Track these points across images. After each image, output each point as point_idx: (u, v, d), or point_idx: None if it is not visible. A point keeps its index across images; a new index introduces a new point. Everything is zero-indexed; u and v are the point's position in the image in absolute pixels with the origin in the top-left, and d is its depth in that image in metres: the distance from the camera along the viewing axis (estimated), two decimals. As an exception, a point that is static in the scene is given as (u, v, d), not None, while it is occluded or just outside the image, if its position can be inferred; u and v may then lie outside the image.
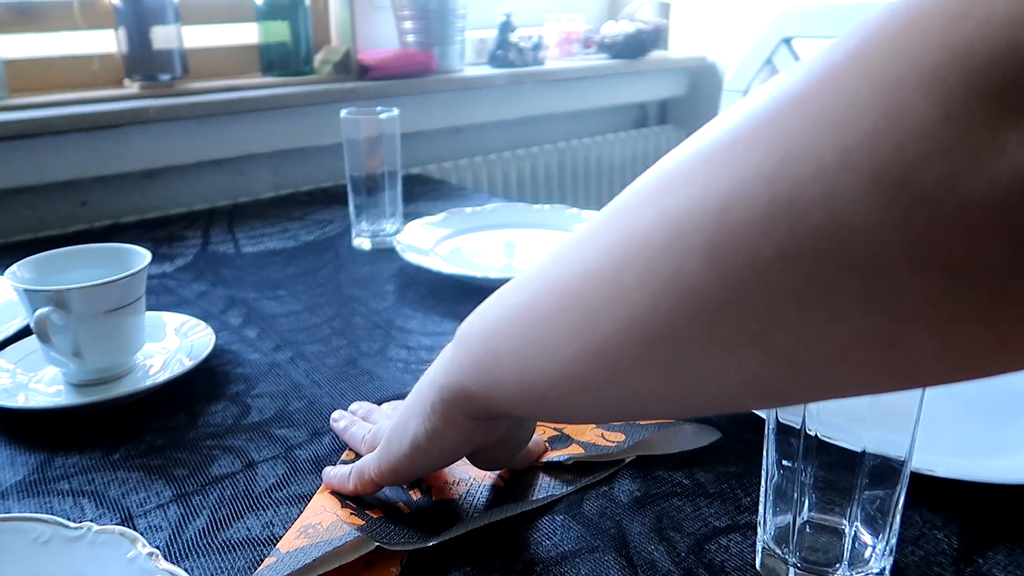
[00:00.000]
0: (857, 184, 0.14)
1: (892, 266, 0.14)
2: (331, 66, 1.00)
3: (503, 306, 0.25)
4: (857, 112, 0.14)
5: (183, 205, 0.93)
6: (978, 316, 0.13)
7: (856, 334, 0.15)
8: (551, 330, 0.21)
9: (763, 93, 0.17)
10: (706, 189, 0.17)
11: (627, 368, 0.20)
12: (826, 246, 0.14)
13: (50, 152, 0.81)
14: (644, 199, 0.19)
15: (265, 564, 0.30)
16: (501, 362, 0.24)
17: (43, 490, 0.37)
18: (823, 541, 0.30)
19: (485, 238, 0.74)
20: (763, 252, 0.15)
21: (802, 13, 0.90)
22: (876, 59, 0.14)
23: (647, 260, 0.18)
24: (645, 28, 1.27)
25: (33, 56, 0.87)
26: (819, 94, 0.15)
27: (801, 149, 0.15)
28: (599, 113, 1.37)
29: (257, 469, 0.39)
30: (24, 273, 0.45)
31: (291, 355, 0.51)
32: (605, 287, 0.19)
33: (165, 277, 0.66)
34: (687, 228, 0.17)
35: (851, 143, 0.14)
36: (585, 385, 0.21)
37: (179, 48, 0.90)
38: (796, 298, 0.15)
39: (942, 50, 0.13)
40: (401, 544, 0.31)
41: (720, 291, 0.16)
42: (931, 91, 0.13)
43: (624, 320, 0.19)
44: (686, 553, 0.32)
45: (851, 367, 0.16)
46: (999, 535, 0.33)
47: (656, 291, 0.18)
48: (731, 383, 0.18)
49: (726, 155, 0.17)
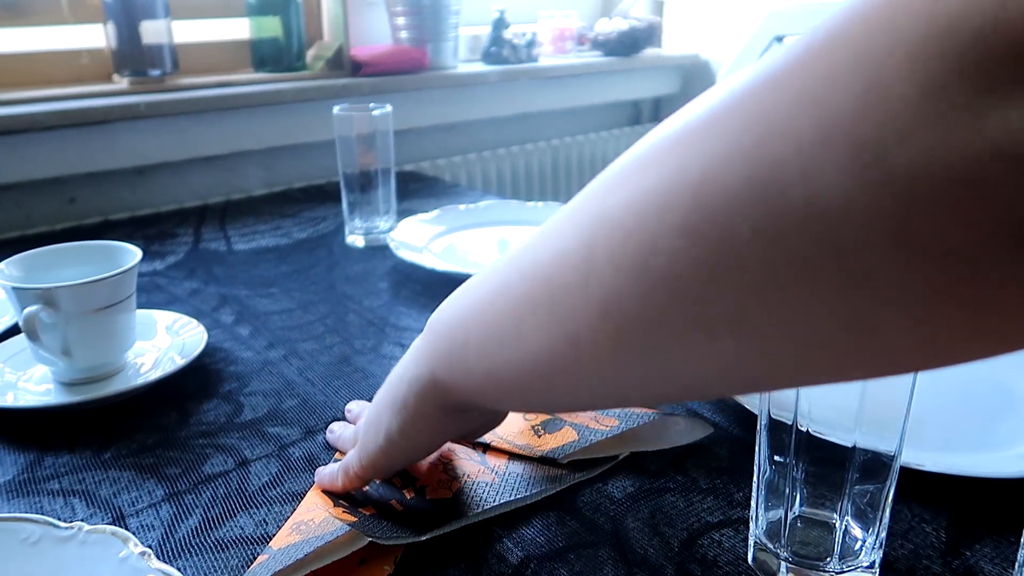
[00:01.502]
0: (836, 161, 0.13)
1: (869, 245, 0.13)
2: (324, 62, 1.00)
3: (472, 295, 0.24)
4: (838, 87, 0.14)
5: (174, 202, 0.93)
6: (954, 298, 0.13)
7: (833, 316, 0.15)
8: (520, 317, 0.21)
9: (744, 73, 0.16)
10: (681, 167, 0.16)
11: (599, 355, 0.19)
12: (804, 224, 0.14)
13: (37, 148, 0.80)
14: (617, 180, 0.19)
15: (257, 562, 0.30)
16: (469, 352, 0.24)
17: (33, 490, 0.37)
18: (814, 535, 0.30)
19: (479, 235, 0.73)
20: (740, 230, 0.15)
21: (794, 12, 0.91)
22: (859, 34, 0.14)
23: (619, 241, 0.17)
24: (638, 25, 1.27)
25: (20, 51, 0.86)
26: (800, 70, 0.15)
27: (781, 126, 0.14)
28: (593, 110, 1.37)
29: (250, 467, 0.39)
30: (12, 271, 0.45)
31: (284, 353, 0.51)
32: (576, 271, 0.19)
33: (156, 275, 0.66)
34: (662, 207, 0.16)
35: (831, 119, 0.14)
36: (555, 374, 0.21)
37: (169, 43, 0.89)
38: (773, 278, 0.15)
39: (926, 25, 0.13)
40: (393, 539, 0.31)
41: (695, 271, 0.16)
42: (914, 67, 0.13)
43: (596, 304, 0.18)
44: (679, 548, 0.32)
45: (828, 351, 0.16)
46: (986, 528, 0.33)
47: (629, 273, 0.17)
48: (707, 369, 0.18)
49: (703, 133, 0.16)
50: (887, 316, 0.14)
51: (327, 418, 0.43)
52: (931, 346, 0.14)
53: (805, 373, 0.17)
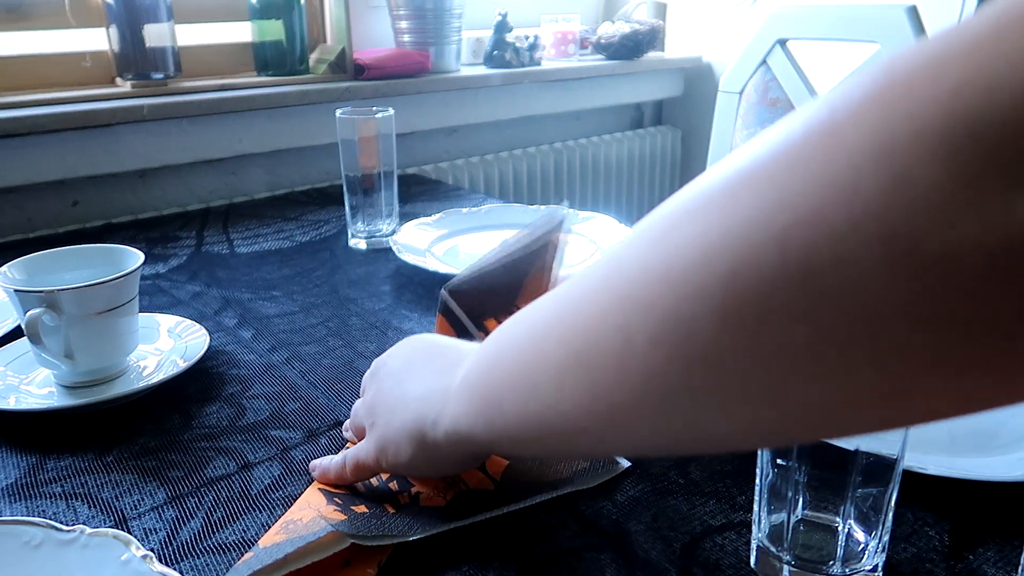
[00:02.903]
0: (869, 249, 0.14)
1: (905, 325, 0.14)
2: (326, 65, 1.00)
3: (508, 358, 0.25)
4: (864, 175, 0.14)
5: (177, 205, 0.93)
6: (988, 367, 0.14)
7: (868, 387, 0.15)
8: (560, 387, 0.22)
9: (763, 142, 0.17)
10: (711, 249, 0.17)
11: (638, 422, 0.20)
12: (840, 308, 0.15)
13: (40, 151, 0.81)
14: (645, 255, 0.19)
15: (243, 560, 0.30)
16: (507, 416, 0.25)
17: (35, 493, 0.37)
18: (817, 539, 0.30)
19: (481, 238, 0.73)
20: (776, 313, 0.16)
21: (796, 14, 0.91)
22: (878, 121, 0.14)
23: (656, 324, 0.18)
24: (641, 29, 1.28)
25: (23, 54, 0.86)
26: (822, 152, 0.15)
27: (809, 212, 0.15)
28: (595, 113, 1.37)
29: (252, 471, 0.39)
30: (15, 274, 0.45)
31: (286, 356, 0.51)
32: (615, 349, 0.19)
33: (159, 278, 0.66)
34: (697, 291, 0.17)
35: (860, 208, 0.14)
36: (592, 434, 0.22)
37: (172, 46, 0.89)
38: (809, 355, 0.16)
39: (948, 116, 0.13)
40: (379, 538, 0.31)
41: (733, 351, 0.17)
42: (938, 160, 0.13)
43: (638, 381, 0.19)
44: (681, 551, 0.32)
45: (864, 414, 0.16)
46: (989, 532, 0.33)
47: (669, 353, 0.18)
48: (746, 433, 0.19)
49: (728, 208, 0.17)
50: (924, 384, 0.15)
51: (329, 421, 0.43)
52: (966, 404, 0.15)
53: (842, 431, 0.18)
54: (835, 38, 0.89)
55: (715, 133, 1.00)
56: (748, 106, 0.96)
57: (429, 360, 0.32)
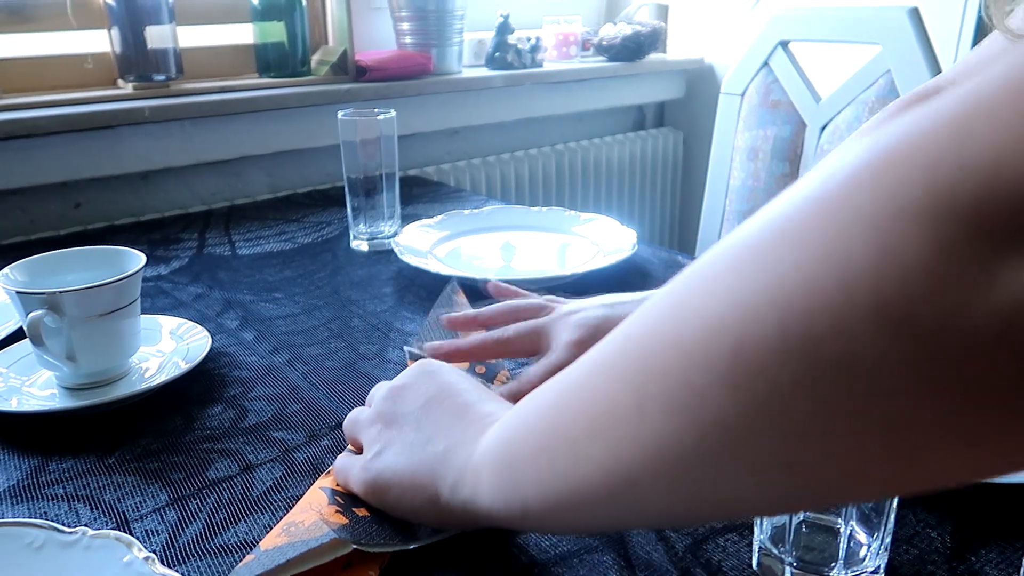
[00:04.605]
0: (864, 318, 0.14)
1: (905, 392, 0.14)
2: (328, 67, 1.00)
3: (528, 432, 0.25)
4: (856, 249, 0.15)
5: (179, 207, 0.93)
6: (992, 433, 0.14)
7: (876, 454, 0.16)
8: (577, 460, 0.22)
9: (765, 215, 0.18)
10: (718, 320, 0.17)
11: (653, 493, 0.20)
12: (841, 374, 0.15)
13: (42, 153, 0.81)
14: (655, 329, 0.20)
15: (244, 562, 0.30)
16: (527, 491, 0.25)
17: (37, 495, 0.37)
18: (819, 540, 0.30)
19: (483, 240, 0.74)
20: (782, 381, 0.16)
21: (798, 16, 0.91)
22: (864, 196, 0.15)
23: (668, 393, 0.19)
24: (643, 30, 1.28)
25: (25, 55, 0.86)
26: (816, 227, 0.16)
27: (806, 283, 0.16)
28: (597, 115, 1.37)
29: (254, 472, 0.39)
30: (17, 276, 0.45)
31: (288, 358, 0.51)
32: (629, 419, 0.20)
33: (160, 280, 0.66)
34: (704, 362, 0.18)
35: (853, 279, 0.15)
36: (608, 508, 0.22)
37: (174, 48, 0.89)
38: (816, 424, 0.16)
39: (926, 194, 0.14)
40: (381, 545, 0.31)
41: (744, 419, 0.17)
42: (923, 231, 0.14)
43: (651, 450, 0.20)
44: (683, 553, 0.32)
45: (873, 481, 0.17)
46: (991, 533, 0.33)
47: (681, 422, 0.19)
48: (758, 499, 0.19)
49: (731, 283, 0.17)
50: (930, 451, 0.15)
51: (331, 423, 0.43)
52: (974, 471, 0.15)
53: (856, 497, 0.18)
54: (837, 40, 0.89)
55: (717, 135, 1.01)
56: (750, 108, 0.96)
57: (453, 416, 0.31)
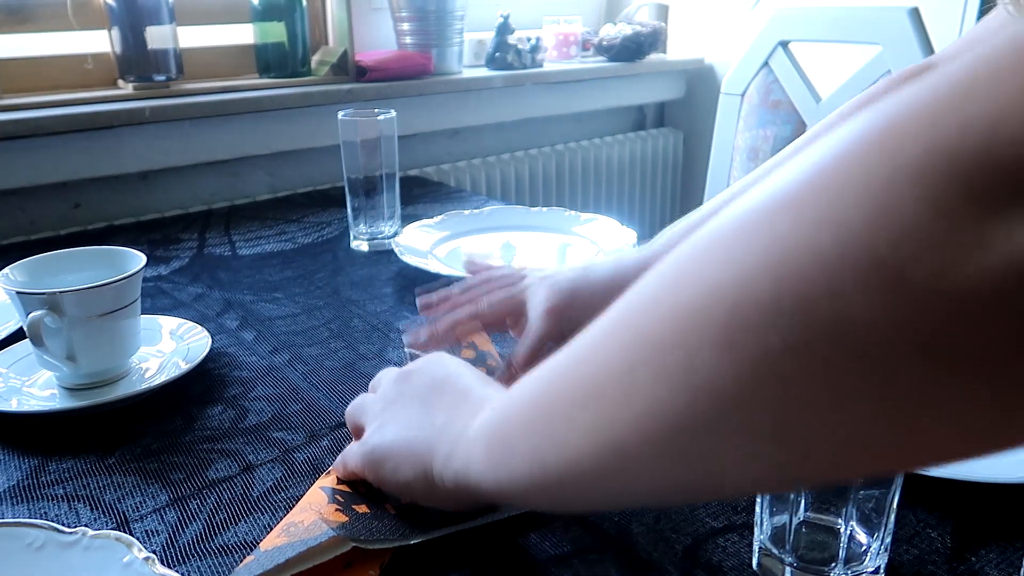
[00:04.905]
0: (858, 278, 0.14)
1: (898, 354, 0.14)
2: (328, 67, 1.00)
3: (523, 405, 0.26)
4: (852, 210, 0.15)
5: (179, 207, 0.93)
6: (984, 399, 0.14)
7: (869, 420, 0.16)
8: (569, 430, 0.22)
9: (766, 185, 0.18)
10: (715, 282, 0.17)
11: (643, 462, 0.20)
12: (834, 336, 0.15)
13: (42, 153, 0.81)
14: (652, 297, 0.20)
15: (244, 563, 0.30)
16: (519, 463, 0.25)
17: (37, 495, 0.37)
18: (819, 540, 0.30)
19: (483, 240, 0.74)
20: (774, 343, 0.16)
21: (798, 16, 0.91)
22: (863, 160, 0.15)
23: (660, 355, 0.19)
24: (643, 31, 1.28)
25: (25, 56, 0.86)
26: (814, 191, 0.16)
27: (803, 244, 0.16)
28: (597, 115, 1.37)
29: (254, 472, 0.39)
30: (17, 276, 0.45)
31: (288, 358, 0.51)
32: (619, 383, 0.20)
33: (160, 280, 0.66)
34: (700, 322, 0.18)
35: (849, 239, 0.15)
36: (598, 479, 0.22)
37: (174, 48, 0.89)
38: (809, 387, 0.16)
39: (924, 153, 0.14)
40: (380, 541, 0.31)
41: (735, 383, 0.17)
42: (918, 191, 0.14)
43: (641, 415, 0.19)
44: (684, 553, 0.32)
45: (867, 452, 0.16)
46: (992, 533, 0.33)
47: (671, 385, 0.18)
48: (749, 472, 0.19)
49: (731, 249, 0.17)
50: (922, 419, 0.15)
51: (331, 423, 0.43)
52: (967, 443, 0.15)
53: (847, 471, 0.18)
54: (837, 40, 0.89)
55: (717, 135, 1.00)
56: (750, 108, 0.96)
57: (454, 395, 0.32)
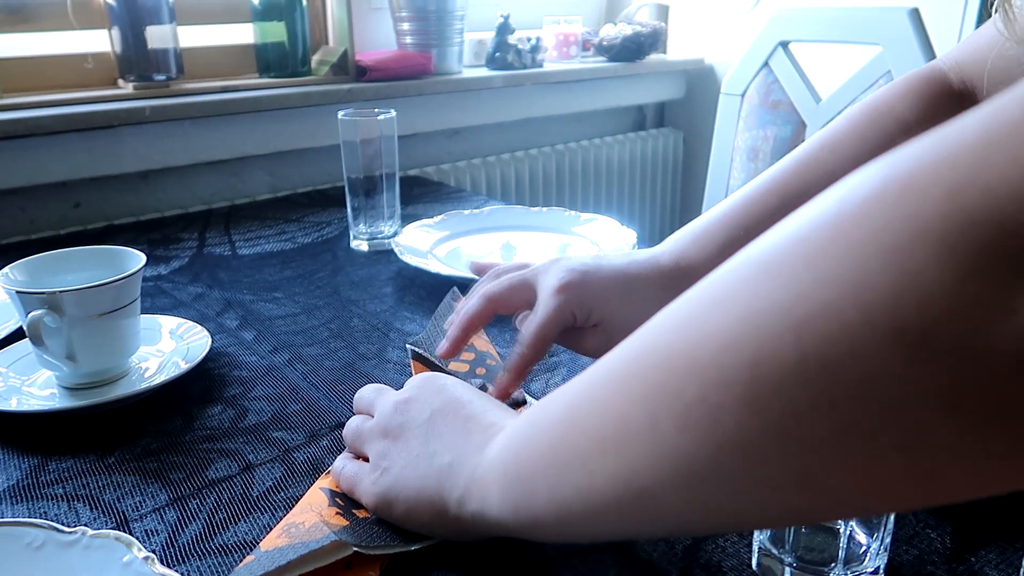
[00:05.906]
0: (882, 341, 0.15)
1: (924, 413, 0.15)
2: (328, 67, 1.00)
3: (538, 443, 0.25)
4: (874, 273, 0.15)
5: (179, 207, 0.93)
6: (1011, 452, 0.14)
7: (896, 473, 0.16)
8: (590, 473, 0.22)
9: (780, 233, 0.17)
10: (733, 337, 0.17)
11: (666, 506, 0.20)
12: (859, 396, 0.15)
13: (42, 153, 0.81)
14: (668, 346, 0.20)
15: (244, 563, 0.30)
16: (536, 501, 0.25)
17: (37, 494, 0.37)
18: (819, 540, 0.30)
19: (483, 240, 0.74)
20: (800, 402, 0.16)
21: (798, 17, 0.91)
22: (883, 218, 0.15)
23: (682, 410, 0.19)
24: (643, 31, 1.28)
25: (25, 55, 0.86)
26: (832, 249, 0.16)
27: (824, 306, 0.15)
28: (597, 115, 1.37)
29: (254, 472, 0.39)
30: (17, 275, 0.45)
31: (288, 357, 0.51)
32: (643, 435, 0.20)
33: (160, 279, 0.66)
34: (722, 380, 0.18)
35: (872, 302, 0.15)
36: (620, 518, 0.22)
37: (174, 48, 0.89)
38: (834, 443, 0.16)
39: (946, 219, 0.14)
40: (381, 548, 0.31)
41: (760, 437, 0.17)
42: (944, 254, 0.14)
43: (666, 465, 0.19)
44: (683, 553, 0.32)
45: (893, 498, 0.17)
46: (991, 534, 0.33)
47: (696, 438, 0.18)
48: (771, 514, 0.19)
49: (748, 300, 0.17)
50: (949, 470, 0.15)
51: (331, 423, 0.43)
52: (992, 486, 0.15)
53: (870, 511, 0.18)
54: (837, 40, 0.89)
55: (717, 135, 1.01)
56: (750, 108, 0.96)
57: (458, 425, 0.31)
